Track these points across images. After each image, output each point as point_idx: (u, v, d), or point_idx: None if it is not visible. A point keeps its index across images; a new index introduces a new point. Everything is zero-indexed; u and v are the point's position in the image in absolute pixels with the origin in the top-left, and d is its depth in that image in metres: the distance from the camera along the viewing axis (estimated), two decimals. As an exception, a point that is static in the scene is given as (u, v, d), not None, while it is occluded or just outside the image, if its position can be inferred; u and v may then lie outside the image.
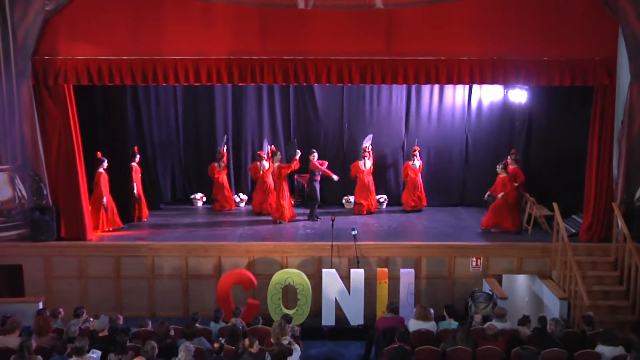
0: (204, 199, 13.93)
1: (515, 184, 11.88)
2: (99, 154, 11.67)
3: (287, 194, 12.60)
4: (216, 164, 13.44)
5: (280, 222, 12.28)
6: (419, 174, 13.39)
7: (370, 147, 13.30)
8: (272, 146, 13.60)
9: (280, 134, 14.24)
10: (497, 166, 12.08)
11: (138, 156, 12.74)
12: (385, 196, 13.89)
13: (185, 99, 14.04)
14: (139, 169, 12.76)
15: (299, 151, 12.67)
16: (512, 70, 10.60)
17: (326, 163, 13.22)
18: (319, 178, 12.94)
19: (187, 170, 14.25)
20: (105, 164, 11.67)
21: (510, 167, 12.06)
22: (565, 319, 9.65)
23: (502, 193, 11.84)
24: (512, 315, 9.44)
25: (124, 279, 10.88)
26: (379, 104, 13.95)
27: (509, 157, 12.33)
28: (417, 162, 13.36)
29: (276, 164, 12.69)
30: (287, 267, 10.76)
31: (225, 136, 13.83)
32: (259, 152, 13.45)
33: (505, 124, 13.74)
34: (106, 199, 11.66)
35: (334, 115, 14.10)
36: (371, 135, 13.25)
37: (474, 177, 13.90)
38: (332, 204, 13.83)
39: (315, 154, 12.96)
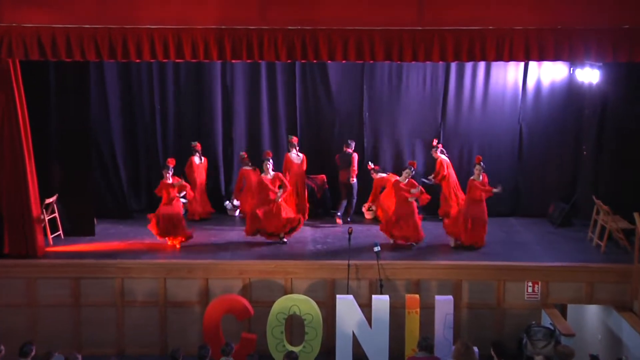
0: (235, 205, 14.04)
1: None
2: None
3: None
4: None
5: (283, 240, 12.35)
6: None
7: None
8: (243, 152, 13.71)
9: (281, 126, 14.36)
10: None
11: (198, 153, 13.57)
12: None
13: (163, 80, 14.17)
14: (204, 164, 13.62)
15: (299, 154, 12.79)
16: (580, 43, 10.54)
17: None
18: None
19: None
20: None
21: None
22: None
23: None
24: (580, 356, 9.40)
25: (84, 307, 10.93)
26: (408, 87, 14.01)
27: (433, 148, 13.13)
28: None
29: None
30: (291, 292, 10.80)
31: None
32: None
33: (571, 112, 13.75)
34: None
35: (352, 102, 14.17)
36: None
37: (530, 179, 13.93)
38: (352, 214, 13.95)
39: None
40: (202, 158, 13.79)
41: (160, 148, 14.28)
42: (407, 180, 12.06)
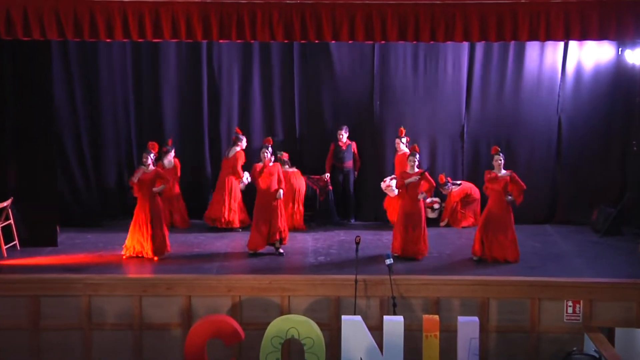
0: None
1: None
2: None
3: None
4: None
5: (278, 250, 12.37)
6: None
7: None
8: (284, 152, 13.77)
9: (277, 118, 14.42)
10: None
11: (173, 150, 13.68)
12: (438, 201, 14.02)
13: (138, 63, 14.26)
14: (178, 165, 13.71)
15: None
16: (630, 18, 10.58)
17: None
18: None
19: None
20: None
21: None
22: None
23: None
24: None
25: (45, 330, 10.90)
26: (426, 71, 14.08)
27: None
28: None
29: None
30: (289, 312, 10.79)
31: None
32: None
33: (619, 101, 13.80)
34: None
35: (360, 90, 14.24)
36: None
37: (570, 180, 13.97)
38: (362, 216, 14.09)
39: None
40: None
41: (135, 145, 14.33)
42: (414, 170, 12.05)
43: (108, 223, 13.95)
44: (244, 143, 13.51)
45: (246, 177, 13.46)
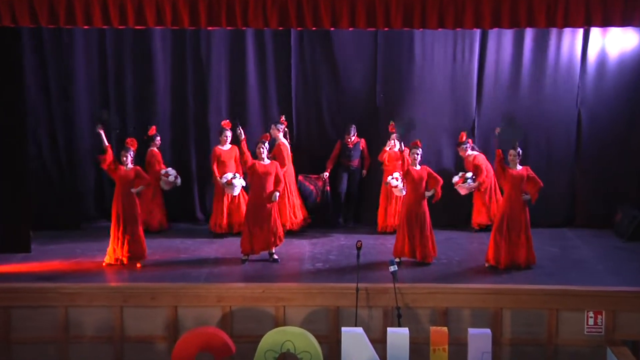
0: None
1: None
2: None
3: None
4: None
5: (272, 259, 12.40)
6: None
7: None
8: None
9: (272, 111, 14.43)
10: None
11: (158, 138, 13.70)
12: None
13: (118, 54, 14.26)
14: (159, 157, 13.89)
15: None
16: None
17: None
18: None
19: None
20: None
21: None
22: None
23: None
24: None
25: (17, 344, 10.91)
26: (433, 61, 14.11)
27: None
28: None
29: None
30: (284, 324, 10.80)
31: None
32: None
33: (646, 93, 13.83)
34: None
35: (362, 82, 14.29)
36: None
37: (591, 179, 14.00)
38: (365, 219, 14.15)
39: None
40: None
41: (114, 141, 14.31)
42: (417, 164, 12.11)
43: (86, 227, 13.99)
44: (229, 137, 13.56)
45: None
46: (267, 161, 12.24)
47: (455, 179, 13.50)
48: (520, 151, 11.83)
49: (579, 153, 14.13)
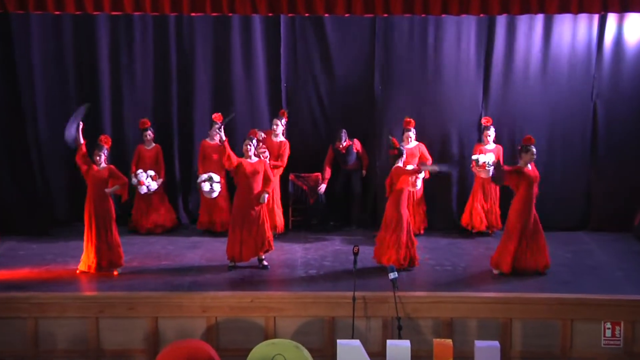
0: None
1: None
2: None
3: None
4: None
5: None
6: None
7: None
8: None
9: (261, 104, 14.49)
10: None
11: (150, 132, 13.90)
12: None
13: (90, 42, 14.24)
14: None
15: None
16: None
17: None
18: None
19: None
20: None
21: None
22: None
23: None
24: None
25: (-16, 358, 11.00)
26: (437, 50, 14.14)
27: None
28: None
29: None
30: (275, 336, 10.83)
31: None
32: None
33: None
34: None
35: (359, 72, 14.32)
36: None
37: (608, 179, 14.05)
38: (362, 222, 14.25)
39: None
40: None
41: (89, 138, 14.34)
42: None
43: (57, 231, 13.97)
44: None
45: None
46: (254, 159, 12.24)
47: (482, 159, 13.42)
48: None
49: (594, 150, 14.17)
